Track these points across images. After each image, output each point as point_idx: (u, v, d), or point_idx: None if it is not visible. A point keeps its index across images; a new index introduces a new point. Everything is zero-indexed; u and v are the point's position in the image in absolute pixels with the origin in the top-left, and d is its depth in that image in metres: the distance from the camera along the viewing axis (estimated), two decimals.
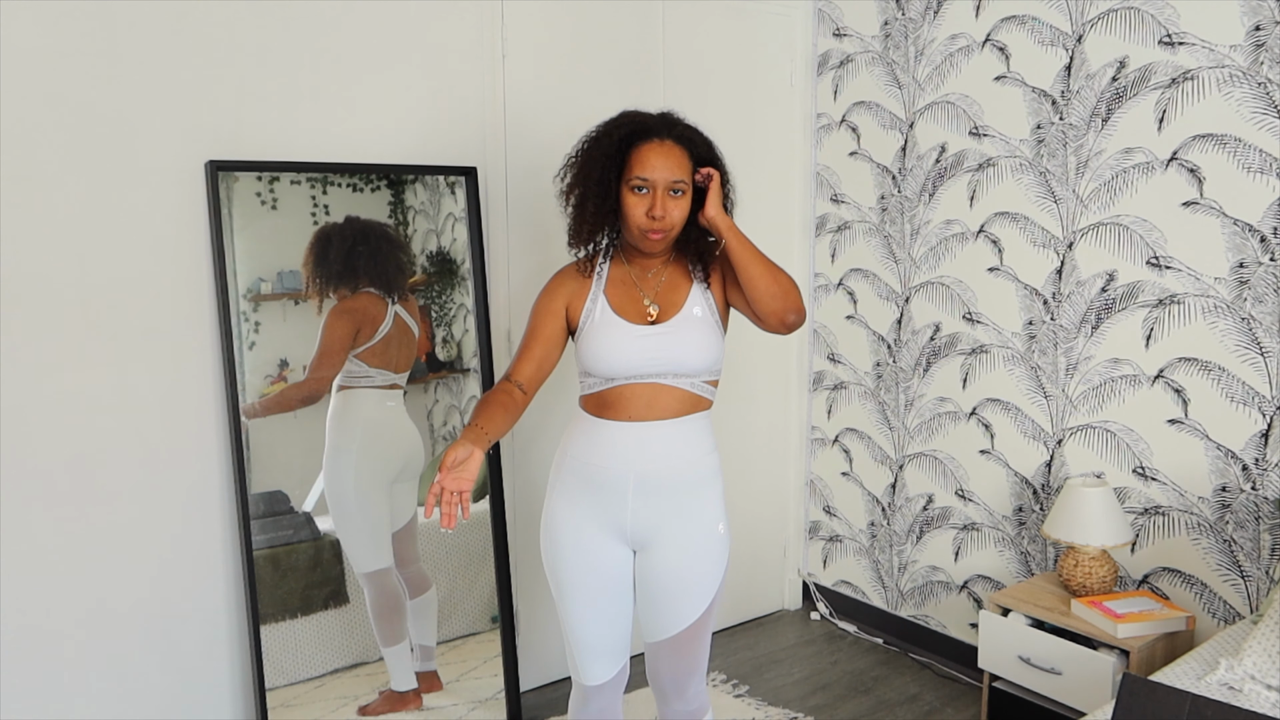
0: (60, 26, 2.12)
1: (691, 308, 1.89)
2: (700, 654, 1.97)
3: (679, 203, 1.83)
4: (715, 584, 1.92)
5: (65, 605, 2.23)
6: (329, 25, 2.45)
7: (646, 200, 1.82)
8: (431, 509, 1.59)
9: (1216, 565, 2.50)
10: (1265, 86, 2.33)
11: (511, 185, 2.78)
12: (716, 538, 1.91)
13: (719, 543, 1.92)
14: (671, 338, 1.86)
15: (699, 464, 1.90)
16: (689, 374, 1.88)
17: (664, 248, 1.89)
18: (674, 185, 1.82)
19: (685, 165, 1.84)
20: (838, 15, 3.36)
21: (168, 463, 2.34)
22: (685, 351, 1.86)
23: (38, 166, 2.12)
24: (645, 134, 1.84)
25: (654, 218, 1.81)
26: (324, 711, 2.50)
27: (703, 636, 1.95)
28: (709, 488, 1.92)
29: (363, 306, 2.51)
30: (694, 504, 1.90)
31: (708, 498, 1.92)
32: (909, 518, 3.30)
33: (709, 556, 1.91)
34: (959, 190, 3.03)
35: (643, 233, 1.84)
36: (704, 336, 1.88)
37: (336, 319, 2.48)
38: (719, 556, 1.92)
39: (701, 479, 1.91)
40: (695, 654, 1.95)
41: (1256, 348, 2.39)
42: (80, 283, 2.19)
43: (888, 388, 3.33)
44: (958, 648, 3.15)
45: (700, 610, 1.92)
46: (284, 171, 2.41)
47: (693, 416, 1.90)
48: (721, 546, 1.92)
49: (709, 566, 1.91)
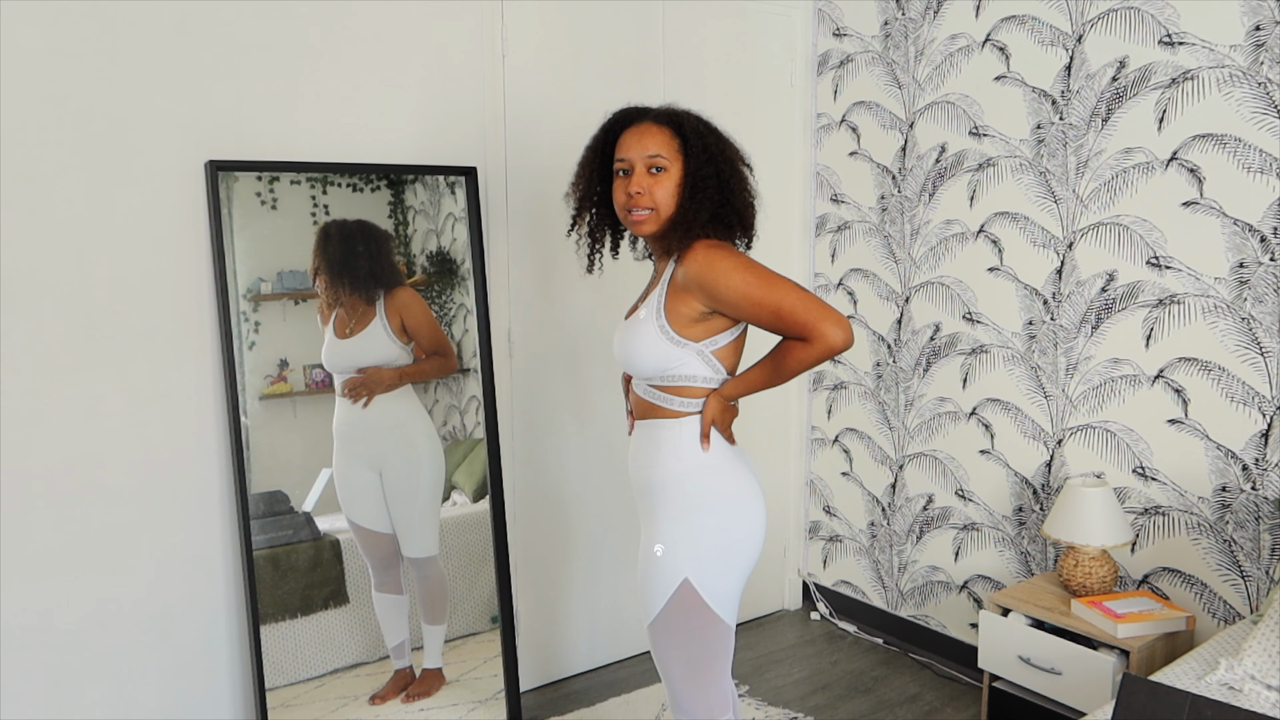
0: (60, 26, 2.12)
1: (640, 308, 1.81)
2: (663, 665, 1.80)
3: (660, 180, 1.75)
4: (653, 604, 1.75)
5: (65, 605, 2.23)
6: (329, 25, 2.46)
7: (627, 182, 1.79)
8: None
9: (1216, 565, 2.50)
10: (1265, 86, 2.33)
11: (511, 185, 2.78)
12: (651, 558, 1.75)
13: (654, 564, 1.74)
14: (619, 337, 1.82)
15: (647, 474, 1.80)
16: (637, 376, 1.81)
17: (657, 232, 1.79)
18: (652, 163, 1.75)
19: (666, 142, 1.76)
20: (838, 15, 3.36)
21: (168, 463, 2.34)
22: (622, 352, 1.80)
23: (38, 166, 2.12)
24: (628, 120, 1.82)
25: (629, 195, 1.77)
26: (324, 711, 2.50)
27: (657, 647, 1.79)
28: (655, 501, 1.78)
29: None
30: (645, 515, 1.82)
31: (653, 512, 1.79)
32: (909, 518, 3.30)
33: (645, 574, 1.77)
34: (959, 190, 3.03)
35: (625, 214, 1.79)
36: (634, 340, 1.77)
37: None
38: (655, 577, 1.74)
39: (647, 490, 1.80)
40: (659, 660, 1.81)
41: (1256, 348, 2.39)
42: (80, 283, 2.19)
43: (888, 388, 3.33)
44: (958, 648, 3.15)
45: (647, 620, 1.78)
46: (284, 171, 2.41)
47: (650, 422, 1.81)
48: (656, 568, 1.74)
49: (645, 584, 1.77)
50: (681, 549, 1.73)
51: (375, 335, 2.55)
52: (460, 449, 2.75)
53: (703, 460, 1.77)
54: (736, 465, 1.80)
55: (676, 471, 1.76)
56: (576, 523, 3.04)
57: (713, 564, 1.74)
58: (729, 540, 1.75)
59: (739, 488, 1.79)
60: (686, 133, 1.79)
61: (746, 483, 1.80)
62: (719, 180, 1.79)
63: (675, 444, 1.77)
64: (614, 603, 3.16)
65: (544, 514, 2.97)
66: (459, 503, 2.75)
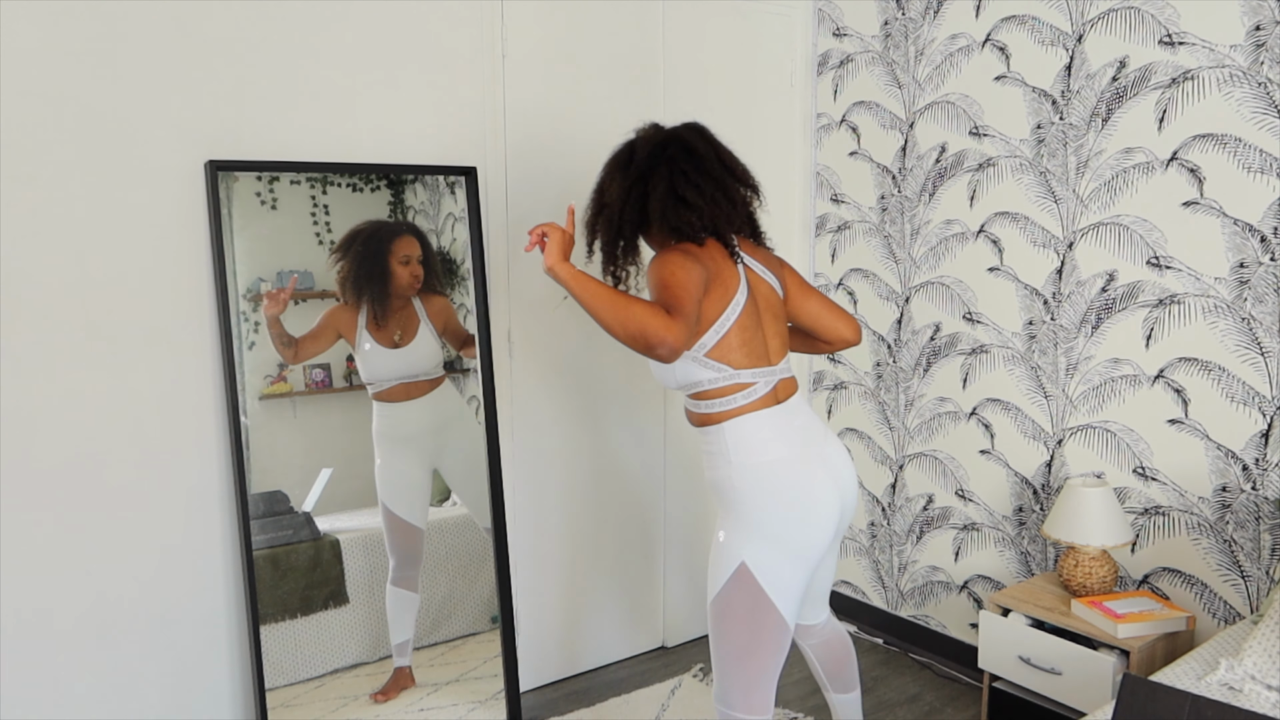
0: (60, 26, 2.12)
1: None
2: (715, 647, 1.93)
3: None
4: (715, 583, 1.91)
5: (65, 605, 2.23)
6: (329, 25, 2.46)
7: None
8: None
9: (1217, 565, 2.50)
10: (1265, 86, 2.33)
11: (511, 185, 2.78)
12: (716, 543, 1.93)
13: (717, 548, 1.92)
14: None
15: (709, 474, 1.95)
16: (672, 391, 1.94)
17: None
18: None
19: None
20: (838, 15, 3.36)
21: (168, 463, 2.34)
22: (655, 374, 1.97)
23: (38, 166, 2.12)
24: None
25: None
26: (324, 711, 2.50)
27: (713, 628, 1.92)
28: (718, 496, 1.93)
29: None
30: (717, 506, 1.96)
31: (719, 505, 1.94)
32: (909, 518, 3.30)
33: (712, 557, 1.94)
34: (959, 190, 3.03)
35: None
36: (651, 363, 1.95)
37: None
38: (717, 560, 1.91)
39: (711, 486, 1.95)
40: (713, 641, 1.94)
41: (1257, 348, 2.39)
42: (80, 283, 2.19)
43: (888, 388, 3.33)
44: (958, 648, 3.15)
45: (709, 599, 1.93)
46: (284, 171, 2.41)
47: (700, 430, 1.95)
48: (719, 552, 1.91)
49: (711, 566, 1.93)
50: (740, 537, 1.88)
51: (426, 342, 2.58)
52: None
53: (750, 460, 1.87)
54: (792, 466, 1.87)
55: (727, 473, 1.89)
56: (576, 523, 3.04)
57: (769, 553, 1.85)
58: (781, 531, 1.85)
59: (791, 483, 1.86)
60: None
61: (799, 480, 1.87)
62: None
63: (721, 450, 1.89)
64: (614, 603, 3.16)
65: (544, 514, 2.97)
66: (459, 502, 2.75)
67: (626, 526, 3.15)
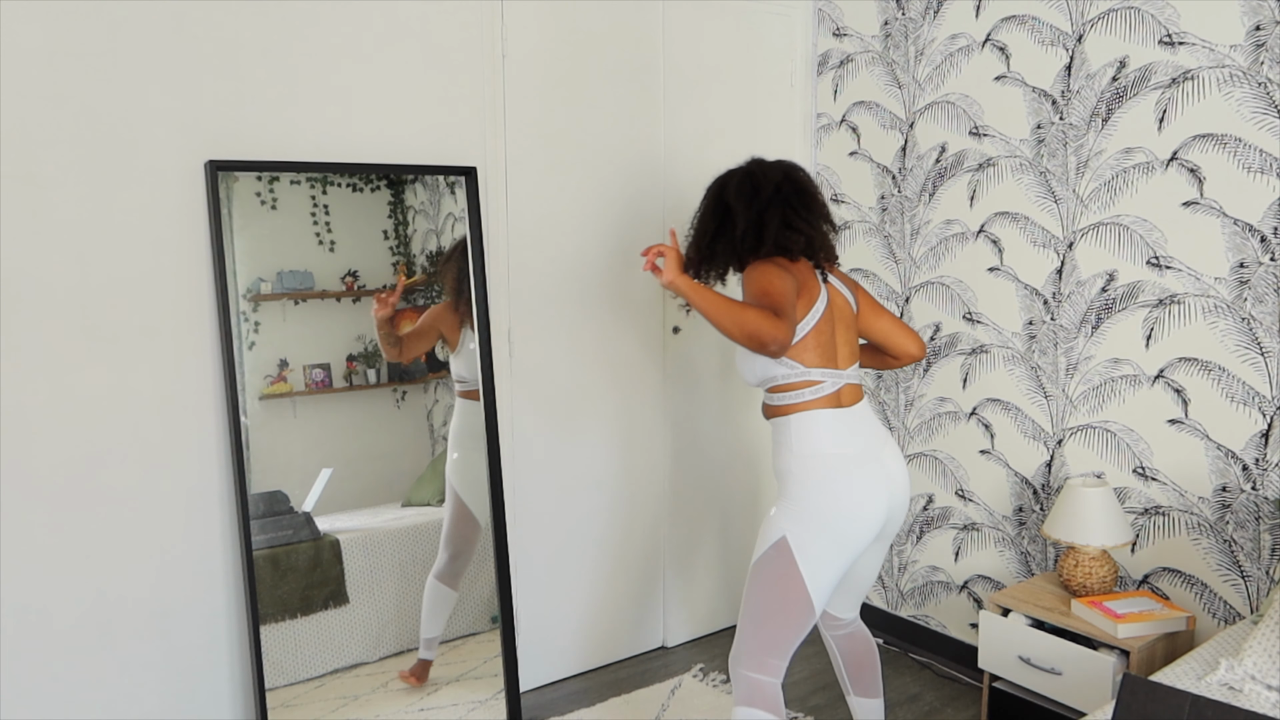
0: (60, 26, 2.12)
1: None
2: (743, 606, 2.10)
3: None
4: (758, 550, 2.09)
5: (65, 605, 2.23)
6: (329, 25, 2.46)
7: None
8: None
9: (1217, 565, 2.50)
10: (1265, 86, 2.33)
11: (511, 185, 2.78)
12: (767, 517, 2.14)
13: (767, 521, 2.12)
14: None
15: (775, 463, 2.15)
16: (750, 386, 2.32)
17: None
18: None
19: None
20: (838, 15, 3.36)
21: (168, 463, 2.34)
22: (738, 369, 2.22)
23: (38, 166, 2.12)
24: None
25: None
26: (324, 711, 2.50)
27: (747, 587, 2.09)
28: (780, 482, 2.14)
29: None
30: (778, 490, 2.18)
31: (779, 488, 2.14)
32: (909, 518, 3.30)
33: (761, 528, 2.13)
34: (959, 190, 3.03)
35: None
36: (736, 357, 2.20)
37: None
38: (765, 531, 2.10)
39: (776, 474, 2.15)
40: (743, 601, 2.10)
41: (1257, 348, 2.39)
42: (80, 283, 2.19)
43: (888, 387, 3.33)
44: (958, 648, 3.15)
45: (752, 562, 2.10)
46: (284, 171, 2.41)
47: (772, 420, 2.15)
48: (767, 525, 2.11)
49: (760, 535, 2.12)
50: (787, 515, 2.06)
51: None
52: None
53: (808, 450, 2.06)
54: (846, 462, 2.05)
55: (788, 461, 2.09)
56: (576, 522, 3.05)
57: (809, 534, 2.02)
58: (825, 519, 2.02)
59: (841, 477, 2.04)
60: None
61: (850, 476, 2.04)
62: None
63: (786, 440, 2.10)
64: (614, 603, 3.16)
65: (544, 514, 2.97)
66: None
67: (627, 526, 3.15)
